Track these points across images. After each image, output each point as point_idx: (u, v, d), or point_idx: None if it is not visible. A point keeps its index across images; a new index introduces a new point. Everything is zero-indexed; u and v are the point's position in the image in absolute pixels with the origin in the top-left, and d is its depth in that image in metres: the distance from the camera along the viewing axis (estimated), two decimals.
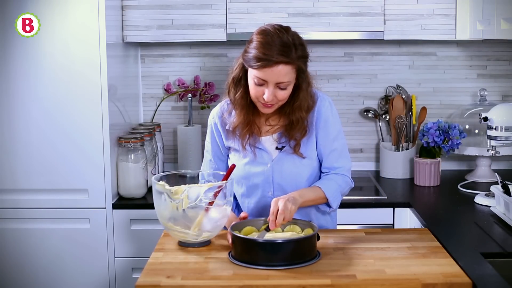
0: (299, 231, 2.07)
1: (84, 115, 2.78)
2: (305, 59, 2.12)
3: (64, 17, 2.73)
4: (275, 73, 2.05)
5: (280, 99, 2.11)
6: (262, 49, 2.03)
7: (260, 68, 2.04)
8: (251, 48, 2.07)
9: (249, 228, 2.08)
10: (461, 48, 3.33)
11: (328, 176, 2.24)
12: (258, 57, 2.04)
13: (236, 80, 2.17)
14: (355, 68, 3.36)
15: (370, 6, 2.97)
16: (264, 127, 2.24)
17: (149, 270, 1.90)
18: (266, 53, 2.02)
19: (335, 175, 2.24)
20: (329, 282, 1.78)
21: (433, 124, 3.04)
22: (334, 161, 2.24)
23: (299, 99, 2.15)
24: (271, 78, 2.05)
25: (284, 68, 2.04)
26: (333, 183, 2.22)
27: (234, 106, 2.21)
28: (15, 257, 2.86)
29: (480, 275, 1.82)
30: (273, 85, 2.07)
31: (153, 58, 3.37)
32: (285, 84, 2.08)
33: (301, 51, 2.08)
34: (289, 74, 2.07)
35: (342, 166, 2.25)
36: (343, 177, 2.25)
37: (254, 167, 2.23)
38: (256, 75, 2.07)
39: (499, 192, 2.45)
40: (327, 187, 2.20)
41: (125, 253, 2.87)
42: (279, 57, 2.03)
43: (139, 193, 2.92)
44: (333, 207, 2.23)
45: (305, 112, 2.17)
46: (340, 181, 2.24)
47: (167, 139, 3.39)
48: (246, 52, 2.09)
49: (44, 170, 2.80)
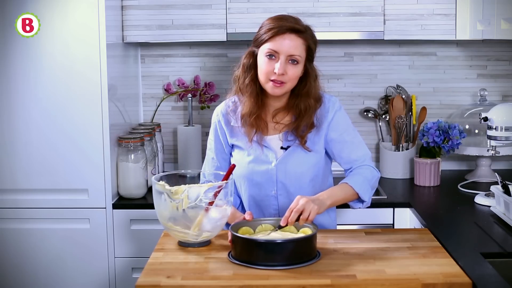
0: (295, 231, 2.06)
1: (84, 115, 2.78)
2: (315, 42, 2.18)
3: (64, 17, 2.73)
4: (287, 43, 2.10)
5: (291, 76, 2.13)
6: (274, 22, 2.13)
7: (272, 37, 2.10)
8: (262, 27, 2.15)
9: (245, 229, 2.07)
10: (461, 48, 3.33)
11: (353, 172, 2.24)
12: (270, 28, 2.11)
13: (246, 66, 2.20)
14: (355, 68, 3.36)
15: (370, 6, 2.97)
16: (271, 124, 2.24)
17: (149, 270, 1.90)
18: (279, 23, 2.11)
19: (359, 169, 2.23)
20: (329, 282, 1.78)
21: (433, 124, 3.04)
22: (351, 153, 2.24)
23: (307, 86, 2.18)
24: (282, 48, 2.10)
25: (295, 39, 2.10)
26: (359, 177, 2.21)
27: (242, 92, 2.22)
28: (15, 257, 2.86)
29: (480, 275, 1.82)
30: (284, 57, 2.10)
31: (153, 58, 3.38)
32: (296, 57, 2.11)
33: (311, 33, 2.16)
34: (300, 48, 2.11)
35: (361, 156, 2.25)
36: (367, 168, 2.24)
37: (258, 165, 2.23)
38: (268, 47, 2.11)
39: (499, 192, 2.45)
40: (354, 181, 2.19)
41: (125, 253, 2.87)
42: (291, 25, 2.10)
43: (139, 193, 2.92)
44: (366, 200, 2.21)
45: (314, 101, 2.19)
46: (366, 173, 2.23)
47: (167, 139, 3.39)
48: (258, 34, 2.16)
49: (44, 170, 2.80)
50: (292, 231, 2.05)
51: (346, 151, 2.24)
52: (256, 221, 2.11)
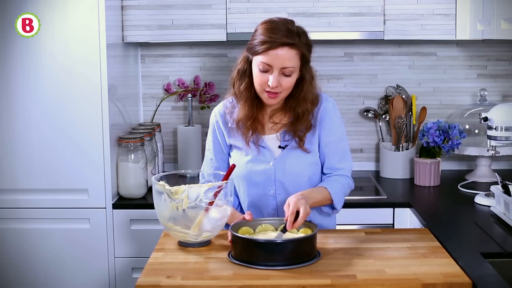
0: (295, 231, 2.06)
1: (84, 115, 2.78)
2: (309, 47, 2.14)
3: (64, 17, 2.73)
4: (280, 57, 2.06)
5: (285, 87, 2.11)
6: (267, 33, 2.07)
7: (265, 52, 2.06)
8: (256, 35, 2.11)
9: (245, 229, 2.06)
10: (461, 48, 3.33)
11: (332, 178, 2.24)
12: (263, 41, 2.07)
13: (241, 73, 2.18)
14: (355, 68, 3.36)
15: (370, 6, 2.97)
16: (268, 124, 2.24)
17: (149, 270, 1.90)
18: (271, 36, 2.06)
19: (339, 177, 2.24)
20: (329, 282, 1.78)
21: (433, 124, 3.04)
22: (337, 162, 2.25)
23: (304, 91, 2.16)
24: (276, 61, 2.07)
25: (288, 51, 2.07)
26: (338, 184, 2.22)
27: (238, 98, 2.22)
28: (15, 257, 2.86)
29: (480, 275, 1.82)
30: (278, 70, 2.08)
31: (153, 58, 3.37)
32: (290, 70, 2.09)
33: (305, 39, 2.12)
34: (293, 59, 2.08)
35: (345, 167, 2.26)
36: (345, 178, 2.26)
37: (256, 165, 2.23)
38: (261, 60, 2.08)
39: (499, 192, 2.45)
40: (333, 188, 2.20)
41: (125, 253, 2.87)
42: (284, 39, 2.06)
43: (139, 193, 2.92)
44: (337, 208, 2.23)
45: (311, 104, 2.18)
46: (344, 182, 2.24)
47: (167, 139, 3.39)
48: (251, 42, 2.12)
49: (44, 170, 2.80)
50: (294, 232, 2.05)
51: (334, 158, 2.25)
52: (256, 221, 2.11)
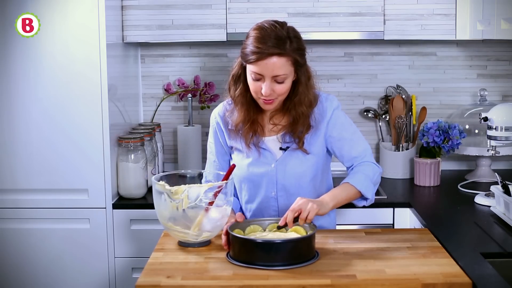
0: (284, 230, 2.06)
1: (84, 115, 2.78)
2: (301, 51, 2.12)
3: (64, 17, 2.73)
4: (270, 66, 2.05)
5: (279, 94, 2.11)
6: (256, 43, 2.05)
7: (255, 62, 2.06)
8: (247, 44, 2.10)
9: (237, 231, 2.03)
10: (461, 48, 3.33)
11: (354, 170, 2.22)
12: (252, 51, 2.05)
13: (235, 78, 2.18)
14: (355, 68, 3.36)
15: (370, 6, 2.97)
16: (268, 125, 2.24)
17: (149, 270, 1.90)
18: (259, 47, 2.04)
19: (360, 166, 2.22)
20: (329, 282, 1.78)
21: (433, 124, 3.04)
22: (352, 150, 2.23)
23: (299, 94, 2.15)
24: (266, 71, 2.06)
25: (278, 60, 2.05)
26: (360, 174, 2.19)
27: (234, 103, 2.22)
28: (15, 257, 2.86)
29: (480, 275, 1.82)
30: (269, 79, 2.07)
31: (153, 58, 3.38)
32: (282, 77, 2.08)
33: (296, 43, 2.09)
34: (284, 66, 2.07)
35: (361, 152, 2.24)
36: (368, 164, 2.23)
37: (258, 167, 2.23)
38: (253, 69, 2.08)
39: (499, 192, 2.45)
40: (356, 180, 2.17)
41: (125, 253, 2.87)
42: (272, 49, 2.04)
43: (139, 193, 2.92)
44: (369, 197, 2.20)
45: (306, 107, 2.17)
46: (367, 170, 2.21)
47: (167, 139, 3.39)
48: (243, 49, 2.11)
49: (44, 170, 2.80)
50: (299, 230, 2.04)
51: (346, 148, 2.23)
52: (246, 222, 2.10)
